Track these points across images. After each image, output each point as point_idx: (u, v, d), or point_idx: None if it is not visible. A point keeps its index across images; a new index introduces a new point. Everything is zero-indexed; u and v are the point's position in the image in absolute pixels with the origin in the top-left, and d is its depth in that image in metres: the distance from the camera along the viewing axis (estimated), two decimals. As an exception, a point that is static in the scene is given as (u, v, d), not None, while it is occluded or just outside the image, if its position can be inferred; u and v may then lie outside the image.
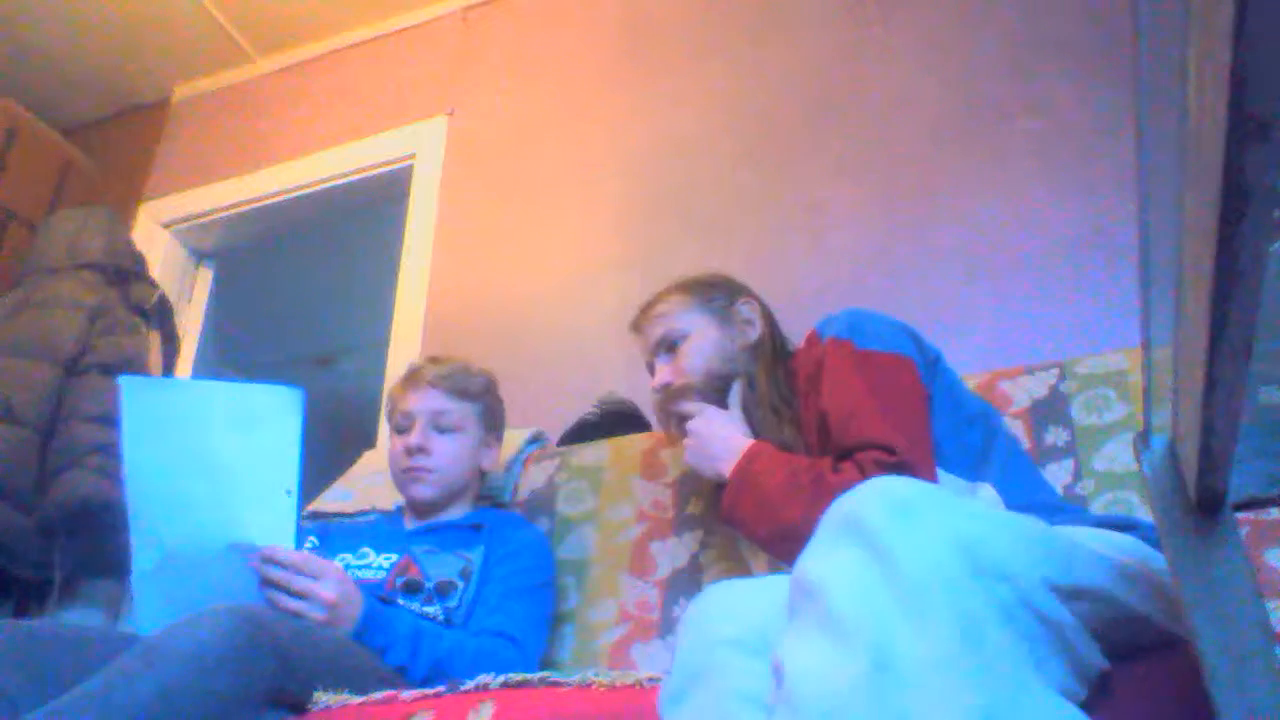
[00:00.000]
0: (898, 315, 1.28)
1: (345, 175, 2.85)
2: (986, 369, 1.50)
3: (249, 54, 3.18)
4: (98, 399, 2.21)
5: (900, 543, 0.68)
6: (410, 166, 2.75)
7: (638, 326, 1.46)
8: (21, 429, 2.12)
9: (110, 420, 2.19)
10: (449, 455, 1.52)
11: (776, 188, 2.22)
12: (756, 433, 1.28)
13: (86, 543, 2.10)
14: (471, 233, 2.56)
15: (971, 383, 1.38)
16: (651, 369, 1.42)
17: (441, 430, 1.52)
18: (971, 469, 1.15)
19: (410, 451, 1.49)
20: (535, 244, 2.45)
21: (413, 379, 1.57)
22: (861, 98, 2.22)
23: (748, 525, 1.20)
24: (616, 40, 2.65)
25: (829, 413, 1.18)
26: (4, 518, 2.02)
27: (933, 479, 1.10)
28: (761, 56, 2.40)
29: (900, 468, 1.05)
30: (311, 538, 1.52)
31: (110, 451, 2.12)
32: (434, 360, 1.61)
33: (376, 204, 2.94)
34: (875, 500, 0.72)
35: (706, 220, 2.25)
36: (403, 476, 1.52)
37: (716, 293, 1.42)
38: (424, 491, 1.51)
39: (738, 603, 0.86)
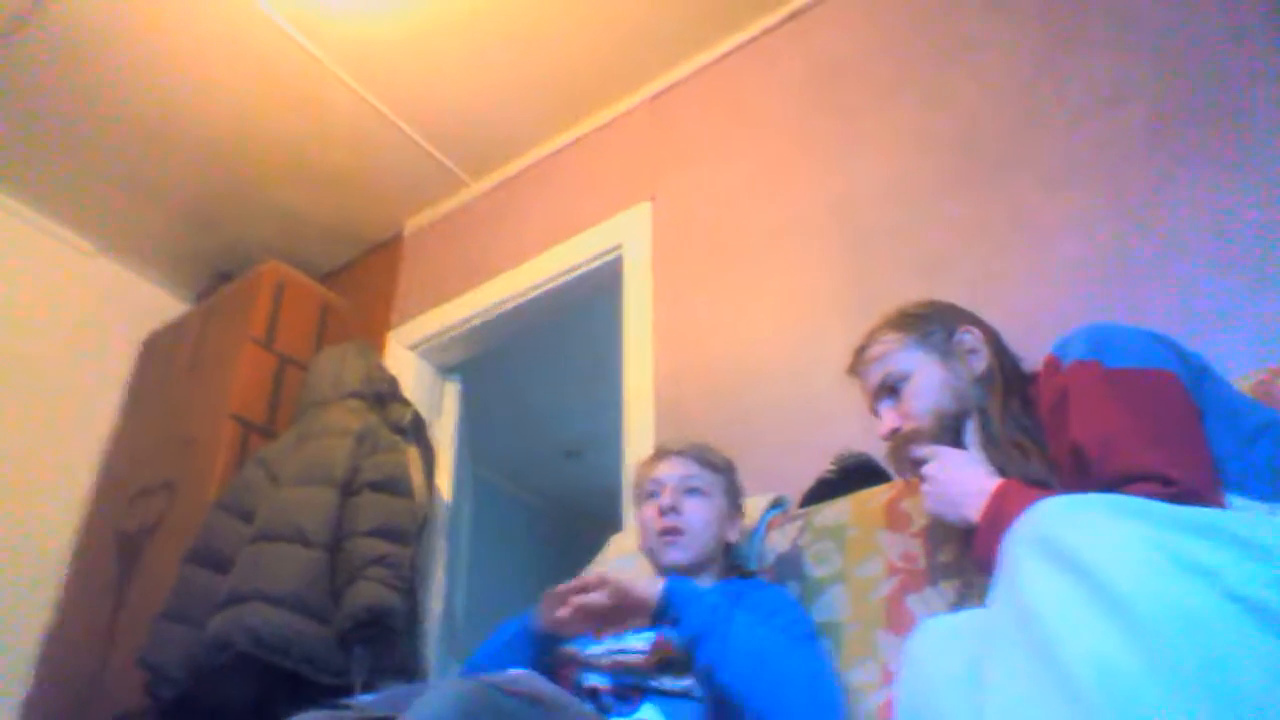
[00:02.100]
0: (1144, 323, 1.17)
1: (562, 275, 2.96)
2: (1259, 366, 1.32)
3: (464, 179, 3.44)
4: (370, 515, 2.41)
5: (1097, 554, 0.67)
6: (619, 256, 2.84)
7: (855, 371, 1.42)
8: (313, 550, 2.33)
9: (383, 533, 2.38)
10: (699, 518, 1.57)
11: (987, 210, 2.11)
12: (1001, 470, 1.19)
13: (377, 647, 2.27)
14: (687, 311, 2.59)
15: (1243, 386, 1.23)
16: (877, 414, 1.38)
17: (691, 493, 1.59)
18: (1268, 489, 1.00)
19: (663, 511, 1.56)
20: (752, 312, 2.45)
21: (660, 453, 1.68)
22: (1065, 101, 2.08)
23: None
24: (802, 94, 2.64)
25: (1083, 445, 1.07)
26: (309, 631, 2.21)
27: (1221, 506, 0.97)
28: (951, 82, 2.32)
29: (1181, 499, 0.92)
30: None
31: (385, 562, 2.30)
32: (679, 439, 1.72)
33: (596, 296, 3.05)
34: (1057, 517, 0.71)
35: (922, 255, 2.17)
36: (657, 541, 1.56)
37: (932, 325, 1.35)
38: (678, 555, 1.54)
39: (953, 637, 0.82)
